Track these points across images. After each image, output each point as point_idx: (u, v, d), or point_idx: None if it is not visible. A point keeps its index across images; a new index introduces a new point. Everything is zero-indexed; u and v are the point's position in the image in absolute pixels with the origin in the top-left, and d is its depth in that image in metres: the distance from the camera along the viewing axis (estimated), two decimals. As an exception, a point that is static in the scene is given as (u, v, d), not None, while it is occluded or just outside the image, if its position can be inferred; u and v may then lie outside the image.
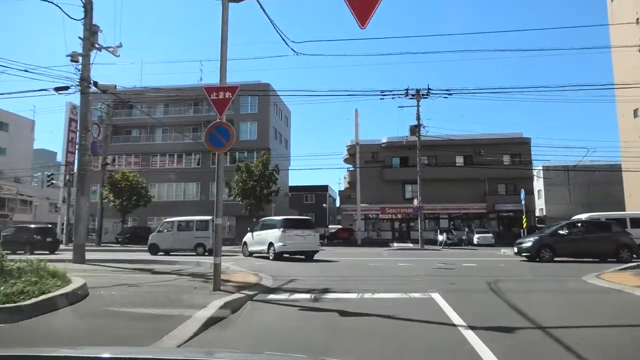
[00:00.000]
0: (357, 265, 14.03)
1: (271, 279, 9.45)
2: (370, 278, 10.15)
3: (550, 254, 14.97)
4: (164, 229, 21.48)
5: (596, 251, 15.16)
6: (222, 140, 7.61)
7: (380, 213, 42.91)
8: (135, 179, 35.15)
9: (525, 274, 11.07)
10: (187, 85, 46.54)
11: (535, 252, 15.12)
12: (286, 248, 15.89)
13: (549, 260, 14.78)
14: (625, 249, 14.98)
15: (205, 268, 11.90)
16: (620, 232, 15.60)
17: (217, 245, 7.48)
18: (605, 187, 48.56)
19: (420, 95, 31.76)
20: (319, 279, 9.97)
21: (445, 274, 10.85)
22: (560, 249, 15.15)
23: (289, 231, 15.99)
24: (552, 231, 15.99)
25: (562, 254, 15.08)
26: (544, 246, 15.20)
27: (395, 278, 10.05)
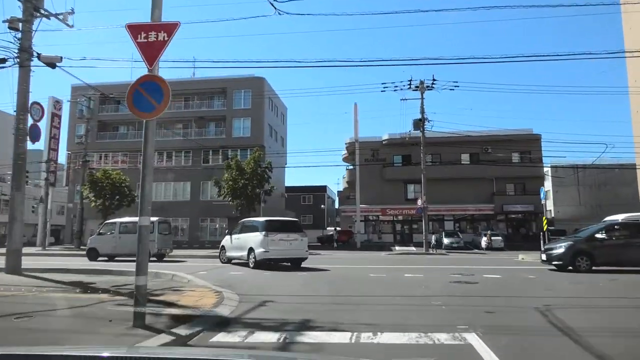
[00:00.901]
0: (354, 277, 11.52)
1: (236, 300, 7.00)
2: (371, 300, 7.63)
3: (587, 263, 12.53)
4: (106, 231, 19.04)
5: None
6: (152, 102, 5.16)
7: (380, 214, 40.42)
8: (118, 177, 32.62)
9: (577, 292, 8.60)
10: (177, 79, 44.17)
11: (569, 260, 12.67)
12: (269, 255, 13.55)
13: (587, 270, 12.34)
14: None
15: (161, 282, 9.42)
16: None
17: (141, 258, 5.00)
18: (615, 188, 46.21)
19: (424, 86, 29.32)
20: (301, 300, 7.51)
21: (470, 292, 8.33)
22: (599, 256, 12.63)
23: (272, 235, 13.61)
24: (589, 235, 13.45)
25: (601, 262, 12.58)
26: (579, 253, 12.73)
27: (405, 299, 7.54)
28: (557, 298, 7.54)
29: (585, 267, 12.45)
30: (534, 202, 38.52)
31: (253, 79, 41.82)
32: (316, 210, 62.36)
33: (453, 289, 8.75)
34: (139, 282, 4.97)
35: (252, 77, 41.96)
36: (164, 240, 18.75)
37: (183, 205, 40.68)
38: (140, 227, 5.04)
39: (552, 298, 7.45)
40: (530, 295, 7.99)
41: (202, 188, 40.98)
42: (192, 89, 42.80)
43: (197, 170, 40.15)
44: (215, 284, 8.98)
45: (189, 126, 42.96)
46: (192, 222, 40.77)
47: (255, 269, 13.25)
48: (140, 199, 5.11)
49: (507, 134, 37.62)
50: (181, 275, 9.97)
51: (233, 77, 41.97)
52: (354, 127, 37.77)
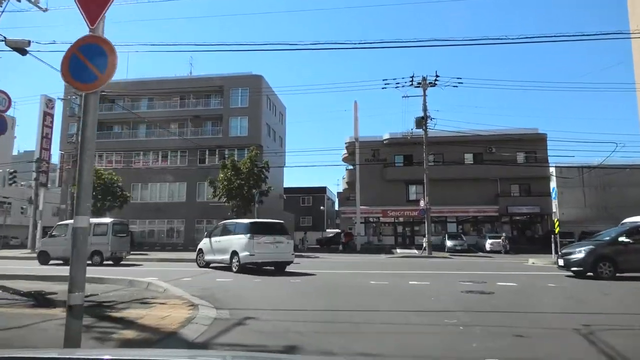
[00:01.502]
0: (352, 286, 10.37)
1: (212, 316, 5.88)
2: (372, 317, 6.47)
3: (610, 269, 11.40)
4: (59, 233, 17.98)
5: None
6: (94, 70, 4.03)
7: (381, 216, 39.25)
8: (110, 177, 31.49)
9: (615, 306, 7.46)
10: (172, 77, 43.16)
11: (590, 266, 11.52)
12: (254, 259, 12.87)
13: (610, 277, 11.20)
14: None
15: (132, 291, 8.29)
16: None
17: (75, 270, 3.86)
18: (622, 190, 45.11)
19: (427, 83, 28.25)
20: (289, 316, 6.38)
21: (487, 306, 7.15)
22: (624, 262, 11.49)
23: (257, 238, 12.83)
24: (612, 239, 12.24)
25: (625, 269, 11.48)
26: (601, 258, 11.56)
27: (412, 315, 6.40)
28: (596, 315, 6.36)
29: (608, 273, 11.35)
30: (540, 203, 37.42)
31: (250, 76, 40.78)
32: (316, 211, 61.21)
33: (467, 301, 7.60)
34: (73, 301, 3.83)
35: (249, 75, 40.92)
36: (119, 242, 17.99)
37: (179, 206, 39.59)
38: (75, 229, 3.90)
39: (589, 315, 6.28)
40: (560, 310, 6.86)
41: (199, 189, 39.85)
42: (189, 87, 41.78)
43: (193, 171, 39.06)
44: (194, 294, 7.86)
45: (185, 125, 41.84)
46: (187, 223, 39.65)
47: (239, 273, 12.23)
48: (77, 192, 3.98)
49: (512, 133, 36.48)
50: (157, 283, 8.84)
51: (230, 75, 40.95)
52: (354, 126, 36.67)
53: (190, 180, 39.47)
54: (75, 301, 3.84)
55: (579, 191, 48.16)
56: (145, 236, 40.09)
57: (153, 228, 40.78)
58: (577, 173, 43.26)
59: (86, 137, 4.01)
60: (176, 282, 10.04)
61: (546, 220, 37.59)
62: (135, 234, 39.60)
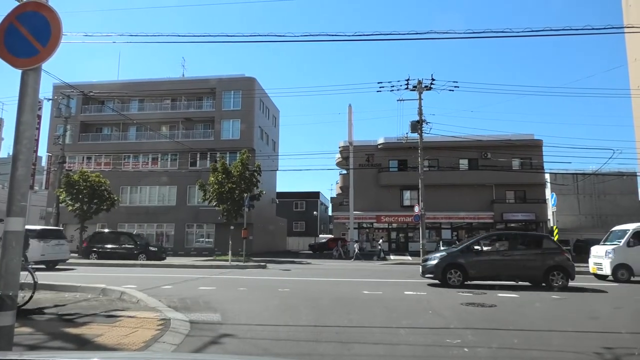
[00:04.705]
0: (344, 296, 9.68)
1: (183, 333, 5.22)
2: (364, 335, 5.75)
3: (459, 277, 11.34)
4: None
5: (519, 274, 11.58)
6: (33, 43, 3.39)
7: (375, 221, 38.61)
8: (98, 179, 30.54)
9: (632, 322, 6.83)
10: (164, 79, 42.41)
11: (440, 274, 11.45)
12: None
13: (458, 285, 11.14)
14: (557, 271, 11.33)
15: (101, 301, 7.56)
16: (553, 249, 11.87)
17: (5, 280, 3.17)
18: (616, 197, 44.94)
19: (422, 86, 27.73)
20: (271, 333, 5.71)
21: (492, 322, 6.47)
22: (473, 269, 11.45)
23: None
24: (465, 246, 12.25)
25: (474, 277, 11.46)
26: (451, 266, 11.45)
27: (409, 334, 5.71)
28: (616, 335, 5.72)
29: (456, 281, 11.29)
30: (535, 210, 37.00)
31: (243, 79, 40.17)
32: (309, 217, 60.51)
33: (468, 315, 6.95)
34: (3, 323, 3.13)
35: (242, 77, 40.31)
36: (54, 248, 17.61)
37: (169, 210, 38.76)
38: (6, 234, 3.22)
39: (609, 335, 5.65)
40: (572, 327, 6.23)
41: (189, 192, 39.02)
42: (180, 89, 41.06)
43: (183, 174, 38.26)
44: (170, 305, 7.17)
45: (176, 128, 41.06)
46: (177, 228, 38.79)
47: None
48: (10, 189, 3.30)
49: (507, 139, 36.06)
50: (132, 293, 8.11)
51: (223, 77, 40.33)
52: (348, 130, 36.05)
53: (181, 183, 38.66)
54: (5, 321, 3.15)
55: (574, 198, 47.94)
56: (134, 240, 39.14)
57: (142, 232, 39.83)
58: (572, 180, 42.97)
59: (23, 122, 3.35)
60: (155, 291, 9.33)
61: (541, 228, 37.15)
62: (123, 238, 38.76)
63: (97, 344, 4.53)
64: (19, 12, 3.44)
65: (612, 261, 13.89)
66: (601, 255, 14.48)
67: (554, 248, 11.96)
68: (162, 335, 4.96)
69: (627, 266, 13.66)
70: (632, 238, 14.05)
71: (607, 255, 14.08)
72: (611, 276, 13.84)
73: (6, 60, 3.38)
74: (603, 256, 14.30)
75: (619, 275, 13.65)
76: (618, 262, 13.77)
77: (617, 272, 13.71)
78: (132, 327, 5.34)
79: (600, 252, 14.66)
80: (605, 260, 14.12)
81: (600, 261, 14.42)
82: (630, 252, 13.79)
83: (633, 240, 13.99)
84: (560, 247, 12.23)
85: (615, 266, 13.78)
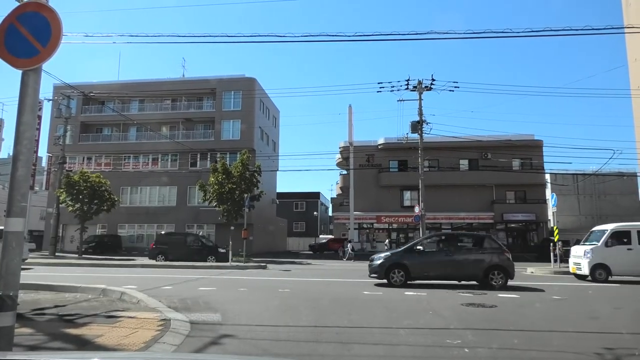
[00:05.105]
0: (344, 297, 9.69)
1: (184, 334, 5.24)
2: (364, 336, 5.74)
3: (401, 276, 11.58)
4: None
5: (460, 273, 11.79)
6: (34, 43, 3.39)
7: (375, 222, 38.61)
8: (98, 179, 30.52)
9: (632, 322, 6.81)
10: (164, 79, 42.40)
11: (384, 274, 11.69)
12: None
13: (400, 285, 11.33)
14: (497, 271, 11.51)
15: (102, 302, 7.56)
16: (495, 249, 12.01)
17: (5, 281, 3.16)
18: (616, 198, 44.90)
19: (422, 87, 27.74)
20: (270, 334, 5.71)
21: (492, 322, 6.49)
22: (415, 269, 11.70)
23: None
24: (409, 246, 12.54)
25: (417, 277, 11.74)
26: (395, 266, 11.70)
27: (410, 334, 5.71)
28: (616, 336, 5.72)
29: (398, 281, 11.51)
30: (535, 210, 36.99)
31: (244, 79, 40.17)
32: (309, 217, 60.50)
33: (468, 315, 6.95)
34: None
35: (242, 78, 40.32)
36: None
37: (169, 210, 38.75)
38: (6, 234, 3.22)
39: (609, 335, 5.65)
40: (573, 328, 6.22)
41: (189, 193, 39.01)
42: (181, 90, 41.05)
43: (184, 174, 38.24)
44: (170, 306, 7.17)
45: (177, 128, 41.06)
46: (177, 228, 38.72)
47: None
48: (10, 190, 3.30)
49: (507, 140, 36.06)
50: (132, 293, 8.11)
51: (223, 78, 40.34)
52: (349, 130, 36.10)
53: (181, 184, 38.64)
54: (6, 322, 3.14)
55: (574, 199, 47.94)
56: (134, 241, 39.17)
57: (142, 232, 39.83)
58: (572, 180, 42.96)
59: (23, 122, 3.35)
60: (155, 292, 9.34)
61: (542, 228, 37.14)
62: (123, 239, 38.71)
63: (98, 344, 4.53)
64: (19, 13, 3.44)
65: (590, 261, 13.90)
66: (580, 255, 14.52)
67: (496, 248, 12.13)
68: (163, 336, 4.97)
69: (605, 266, 13.68)
70: (610, 238, 14.07)
71: (586, 255, 14.11)
72: (589, 276, 13.85)
73: (6, 60, 3.38)
74: (582, 256, 14.33)
75: (597, 275, 13.68)
76: (596, 262, 13.80)
77: (595, 272, 13.73)
78: (133, 328, 5.34)
79: (579, 252, 14.71)
80: (584, 260, 14.14)
81: (579, 261, 14.44)
82: (608, 252, 13.80)
83: (611, 241, 14.02)
84: (501, 247, 12.43)
85: (593, 266, 13.79)
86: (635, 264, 13.46)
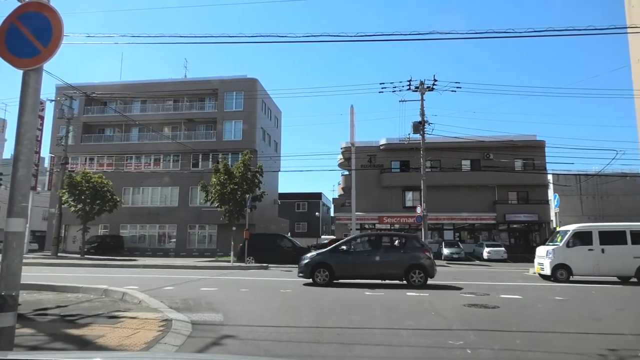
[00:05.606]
0: (346, 297, 9.69)
1: (185, 334, 5.25)
2: (366, 337, 5.74)
3: (326, 276, 11.80)
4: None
5: (382, 272, 12.03)
6: (35, 43, 3.39)
7: (377, 222, 38.56)
8: (100, 180, 30.59)
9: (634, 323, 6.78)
10: (166, 80, 42.47)
11: (309, 273, 11.94)
12: None
13: (324, 284, 11.57)
14: (417, 270, 11.78)
15: (104, 302, 7.56)
16: (415, 249, 12.28)
17: (8, 279, 3.16)
18: (619, 199, 44.75)
19: (424, 87, 27.75)
20: (272, 334, 5.72)
21: (495, 323, 6.46)
22: (339, 269, 11.92)
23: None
24: (334, 246, 12.74)
25: (341, 276, 11.97)
26: (319, 265, 11.91)
27: (411, 335, 5.69)
28: (619, 337, 5.70)
29: (322, 280, 11.73)
30: (537, 211, 36.89)
31: (245, 80, 40.20)
32: (311, 217, 60.49)
33: (471, 316, 6.92)
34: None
35: (244, 78, 40.34)
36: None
37: (171, 211, 38.80)
38: (6, 234, 3.21)
39: (612, 337, 5.62)
40: (575, 329, 6.19)
41: (191, 193, 39.05)
42: (183, 90, 41.10)
43: (186, 175, 38.28)
44: (172, 306, 7.17)
45: (179, 129, 41.13)
46: (180, 228, 38.80)
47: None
48: (11, 190, 3.30)
49: (509, 140, 35.99)
50: (134, 294, 8.11)
51: (225, 78, 40.38)
52: (350, 131, 35.94)
53: (183, 184, 38.68)
54: (6, 322, 3.14)
55: (577, 199, 47.79)
56: (136, 241, 39.24)
57: (144, 233, 39.89)
58: (574, 181, 42.82)
59: (24, 122, 3.35)
60: (157, 292, 9.34)
61: (544, 229, 37.02)
62: (125, 239, 38.76)
63: (99, 344, 4.53)
64: (20, 12, 3.44)
65: (551, 261, 13.95)
66: (543, 255, 14.56)
67: (417, 248, 12.38)
68: (164, 337, 4.96)
69: (566, 266, 13.70)
70: (572, 238, 14.09)
71: (548, 256, 14.14)
72: (552, 276, 13.85)
73: (7, 60, 3.38)
74: (544, 256, 14.36)
75: (558, 275, 13.70)
76: (557, 262, 13.84)
77: (556, 272, 13.76)
78: (134, 328, 5.33)
79: (542, 252, 14.75)
80: (546, 260, 14.17)
81: (543, 261, 14.48)
82: (569, 253, 13.82)
83: (573, 241, 14.04)
84: (423, 246, 12.68)
85: (554, 266, 13.83)
86: (596, 264, 13.55)
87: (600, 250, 13.59)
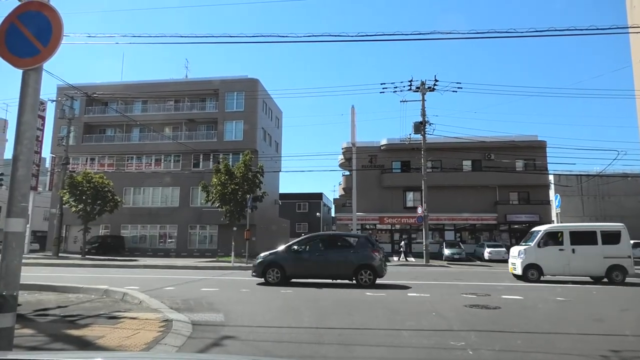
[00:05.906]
0: (347, 298, 9.66)
1: (185, 335, 5.25)
2: (366, 337, 5.71)
3: (277, 275, 11.97)
4: None
5: (333, 272, 12.24)
6: (34, 42, 3.38)
7: (378, 223, 38.54)
8: (101, 180, 30.60)
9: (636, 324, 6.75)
10: (167, 80, 42.47)
11: (262, 272, 12.11)
12: None
13: (276, 283, 11.74)
14: (366, 269, 11.99)
15: (105, 302, 7.54)
16: (365, 249, 12.40)
17: (8, 279, 3.15)
18: (621, 199, 44.67)
19: (425, 87, 27.72)
20: (272, 335, 5.69)
21: (496, 324, 6.45)
22: (291, 269, 12.10)
23: None
24: (287, 246, 12.89)
25: (293, 275, 12.13)
26: (272, 265, 12.08)
27: (412, 335, 5.67)
28: (621, 338, 5.67)
29: (274, 279, 11.89)
30: (539, 212, 36.81)
31: (246, 80, 40.20)
32: (312, 218, 60.48)
33: (472, 317, 6.90)
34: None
35: (245, 79, 40.35)
36: None
37: (172, 211, 38.78)
38: (6, 234, 3.20)
39: (614, 338, 5.60)
40: (577, 330, 6.17)
41: (192, 194, 39.04)
42: (184, 91, 41.11)
43: (186, 175, 38.27)
44: (173, 306, 7.16)
45: (180, 129, 41.12)
46: (180, 229, 38.80)
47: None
48: (10, 189, 3.29)
49: (511, 140, 35.95)
50: (134, 294, 8.10)
51: (226, 78, 40.38)
52: (351, 131, 35.96)
53: (184, 184, 38.68)
54: (5, 323, 3.13)
55: (578, 200, 47.70)
56: (137, 241, 39.23)
57: (145, 233, 39.88)
58: (576, 181, 42.76)
59: (23, 122, 3.34)
60: (157, 292, 9.33)
61: (545, 229, 36.90)
62: (126, 239, 38.76)
63: (99, 345, 4.52)
64: (20, 12, 3.43)
65: (523, 261, 14.01)
66: (515, 255, 14.61)
67: (368, 248, 12.51)
68: (164, 337, 4.95)
69: (537, 266, 13.76)
70: (544, 238, 14.14)
71: (520, 255, 14.20)
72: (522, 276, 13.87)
73: (7, 60, 3.37)
74: (516, 256, 14.40)
75: (529, 275, 13.75)
76: (528, 262, 13.90)
77: (527, 272, 13.82)
78: (134, 329, 5.32)
79: (515, 252, 14.79)
80: (518, 260, 14.23)
81: (515, 261, 14.52)
82: (540, 253, 13.88)
83: (544, 241, 14.09)
84: (374, 246, 12.76)
85: (525, 266, 13.89)
86: (566, 264, 13.64)
87: (571, 250, 13.69)
